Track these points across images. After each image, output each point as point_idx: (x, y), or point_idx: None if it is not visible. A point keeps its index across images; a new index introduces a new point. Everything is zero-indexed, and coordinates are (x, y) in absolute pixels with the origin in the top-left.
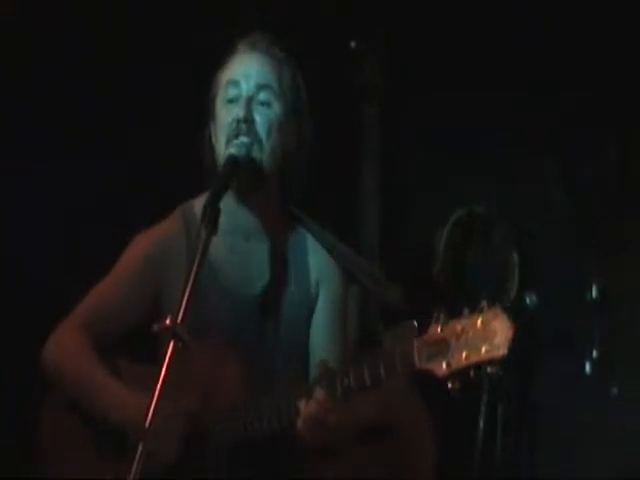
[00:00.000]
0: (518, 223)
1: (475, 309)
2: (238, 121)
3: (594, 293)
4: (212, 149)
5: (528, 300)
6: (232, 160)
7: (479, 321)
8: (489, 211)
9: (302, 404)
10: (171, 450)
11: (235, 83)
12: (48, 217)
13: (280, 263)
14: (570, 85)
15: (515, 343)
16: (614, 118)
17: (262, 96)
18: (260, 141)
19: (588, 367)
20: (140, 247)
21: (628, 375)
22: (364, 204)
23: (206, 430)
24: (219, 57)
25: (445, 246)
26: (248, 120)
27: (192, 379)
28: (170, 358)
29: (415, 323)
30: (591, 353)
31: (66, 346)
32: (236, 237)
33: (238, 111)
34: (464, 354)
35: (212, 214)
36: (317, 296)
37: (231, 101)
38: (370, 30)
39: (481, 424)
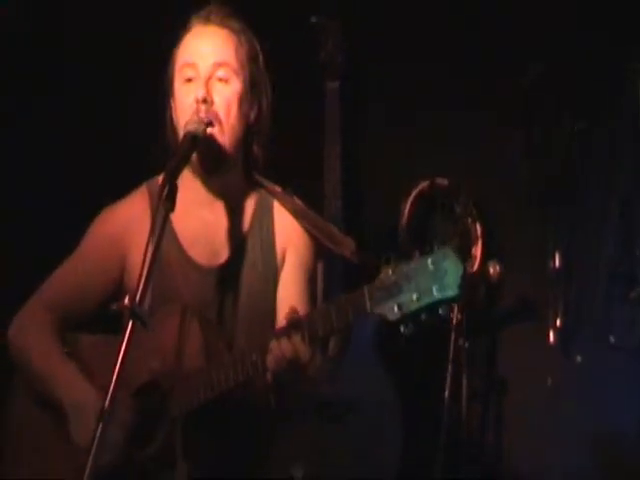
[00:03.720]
0: (481, 193)
1: (425, 252)
2: (197, 102)
3: (557, 262)
4: (173, 129)
5: (491, 269)
6: (190, 137)
7: (429, 262)
8: (452, 182)
9: (274, 344)
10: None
11: (192, 64)
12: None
13: (243, 234)
14: (535, 59)
15: (478, 309)
16: (577, 94)
17: (220, 73)
18: (220, 121)
19: (552, 335)
20: (105, 223)
21: (592, 343)
22: (326, 178)
23: (164, 403)
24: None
25: (408, 217)
26: (207, 101)
27: (154, 349)
28: (128, 338)
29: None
30: (555, 321)
31: (29, 327)
32: (202, 209)
33: (197, 91)
34: (415, 296)
35: (169, 191)
36: (284, 262)
37: (189, 80)
38: (331, 4)
39: (446, 394)
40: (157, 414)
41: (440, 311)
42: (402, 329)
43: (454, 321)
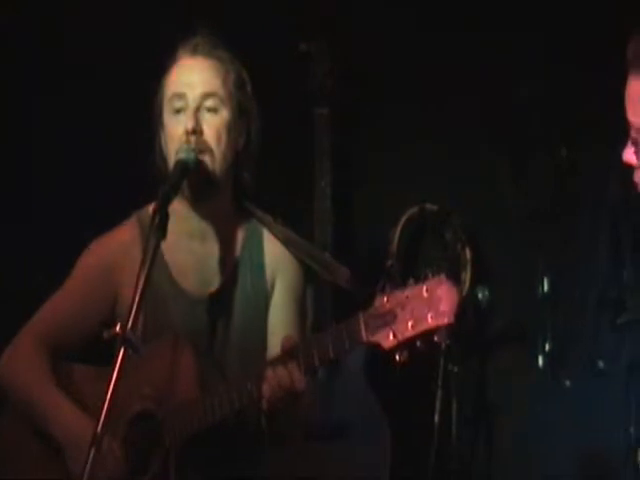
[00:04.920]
0: (470, 218)
1: (420, 279)
2: (187, 133)
3: (545, 286)
4: (163, 158)
5: (480, 295)
6: (181, 164)
7: (424, 289)
8: (441, 208)
9: (269, 372)
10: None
11: (180, 95)
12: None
13: (233, 263)
14: (521, 83)
15: (467, 334)
16: (563, 117)
17: (208, 103)
18: (211, 151)
19: (541, 360)
20: (94, 255)
21: (581, 368)
22: (316, 205)
23: (158, 432)
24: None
25: (398, 242)
26: (196, 131)
27: (147, 377)
28: (120, 365)
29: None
30: (544, 346)
31: (19, 361)
32: (193, 240)
33: (186, 122)
34: (410, 323)
35: (161, 219)
36: (273, 289)
37: (178, 111)
38: (320, 31)
39: (436, 419)
40: (151, 443)
41: (435, 338)
42: (397, 357)
43: (443, 346)
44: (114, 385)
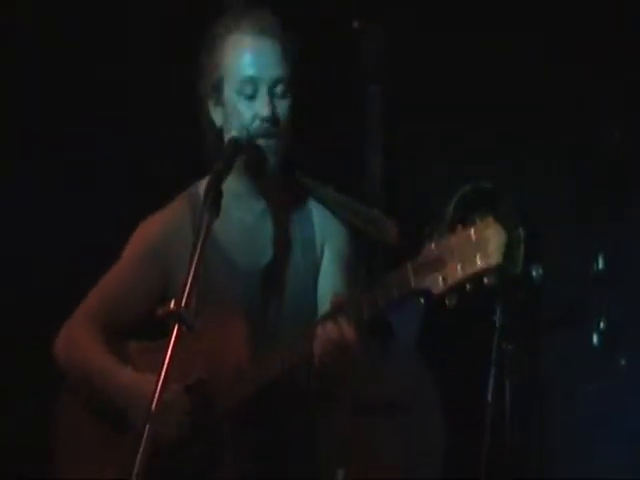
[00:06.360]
0: (522, 196)
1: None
2: (262, 120)
3: (600, 264)
4: (217, 133)
5: (534, 273)
6: (234, 143)
7: (472, 232)
8: (494, 186)
9: (319, 329)
10: (176, 431)
11: (251, 80)
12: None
13: (284, 237)
14: (573, 64)
15: (521, 312)
16: (616, 94)
17: (279, 89)
18: (283, 136)
19: (596, 338)
20: (146, 234)
21: (636, 345)
22: (368, 184)
23: (211, 401)
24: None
25: (451, 221)
26: (272, 120)
27: (200, 351)
28: (174, 342)
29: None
30: (598, 324)
31: (76, 340)
32: (243, 213)
33: (260, 109)
34: (459, 266)
35: (214, 197)
36: (322, 257)
37: (249, 95)
38: (372, 9)
39: (489, 399)
40: (205, 411)
41: (485, 280)
42: (447, 302)
43: (497, 324)
44: (168, 362)
